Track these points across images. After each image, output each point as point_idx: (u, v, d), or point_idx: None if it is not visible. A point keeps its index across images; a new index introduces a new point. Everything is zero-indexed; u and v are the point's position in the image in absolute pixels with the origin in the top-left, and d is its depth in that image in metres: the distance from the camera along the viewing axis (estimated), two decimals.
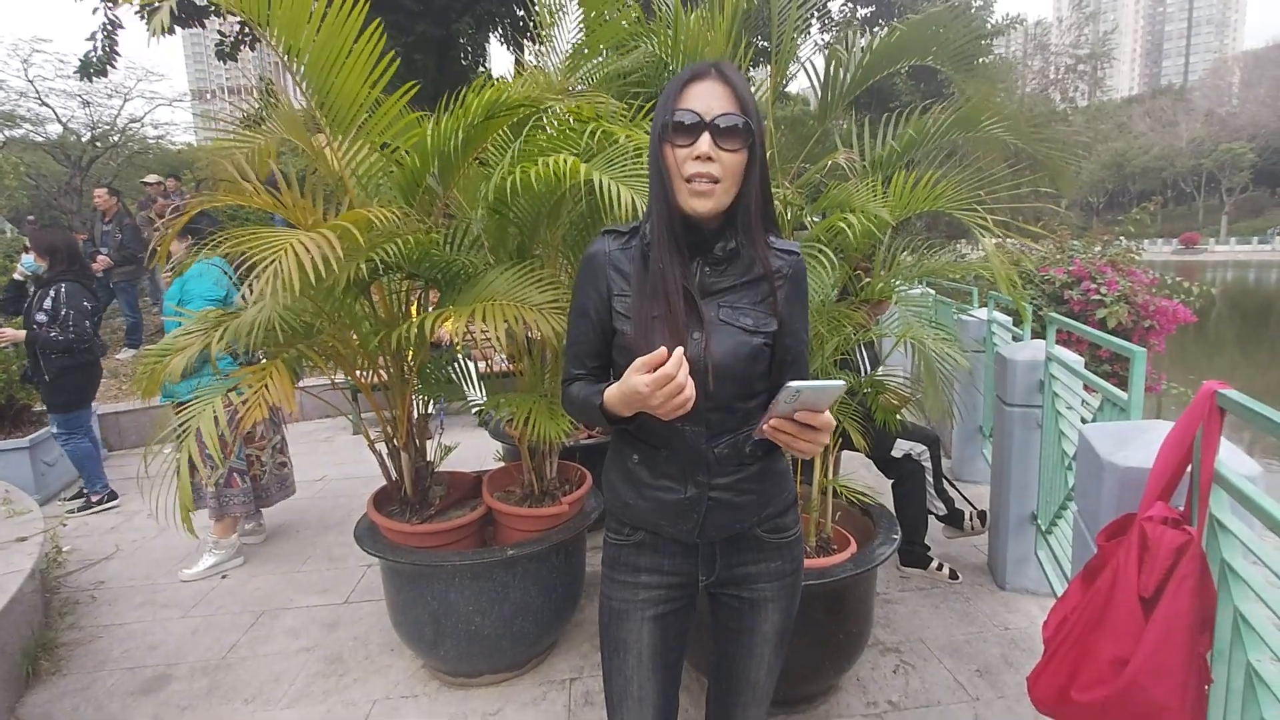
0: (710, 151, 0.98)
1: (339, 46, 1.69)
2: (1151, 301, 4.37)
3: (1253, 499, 1.07)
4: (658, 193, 1.03)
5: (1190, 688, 1.09)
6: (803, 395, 0.86)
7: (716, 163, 0.98)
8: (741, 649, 1.20)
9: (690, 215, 1.02)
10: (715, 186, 0.99)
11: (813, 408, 0.89)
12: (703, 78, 1.01)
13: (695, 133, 0.98)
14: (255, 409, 1.62)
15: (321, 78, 1.77)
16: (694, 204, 1.00)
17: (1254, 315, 19.53)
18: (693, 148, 0.98)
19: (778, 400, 0.88)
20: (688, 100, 0.99)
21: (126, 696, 2.27)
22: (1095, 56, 18.77)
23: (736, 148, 1.00)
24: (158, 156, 16.69)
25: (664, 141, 1.01)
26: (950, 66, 2.42)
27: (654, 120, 1.04)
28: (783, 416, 0.91)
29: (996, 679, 2.22)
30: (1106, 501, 1.41)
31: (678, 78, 1.03)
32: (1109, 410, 2.02)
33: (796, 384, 0.85)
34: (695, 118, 0.98)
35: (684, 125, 0.98)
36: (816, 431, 0.92)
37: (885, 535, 2.14)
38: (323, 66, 1.73)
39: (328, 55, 1.70)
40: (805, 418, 0.90)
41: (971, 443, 4.07)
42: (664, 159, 1.01)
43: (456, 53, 9.32)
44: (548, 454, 2.40)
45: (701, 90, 1.00)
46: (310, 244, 1.38)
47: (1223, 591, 1.12)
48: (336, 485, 4.33)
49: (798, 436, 0.93)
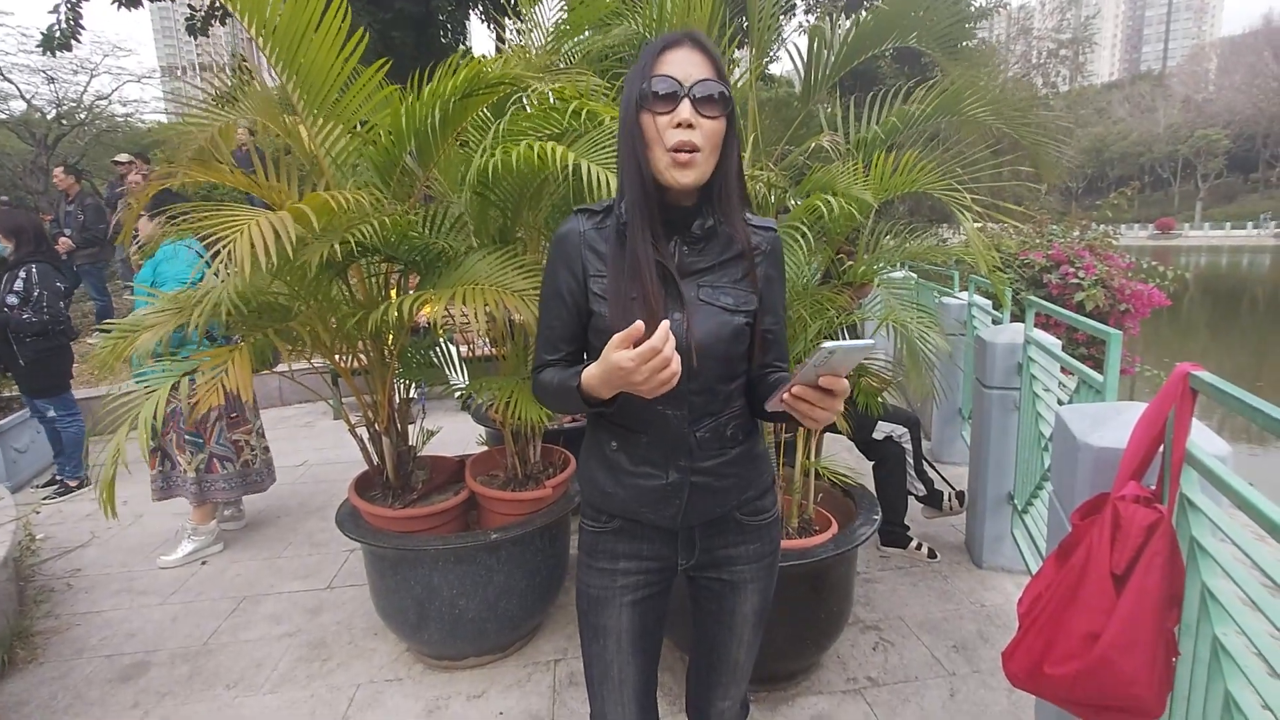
0: (691, 118, 0.95)
1: (306, 20, 1.64)
2: (1127, 285, 4.45)
3: (1222, 478, 1.09)
4: (631, 166, 0.99)
5: (1159, 661, 1.13)
6: (836, 355, 0.81)
7: (697, 130, 0.96)
8: (722, 629, 1.21)
9: (669, 189, 0.99)
10: (696, 156, 0.97)
11: (839, 370, 0.86)
12: (677, 45, 0.98)
13: (675, 100, 0.95)
14: (212, 394, 1.59)
15: (291, 53, 1.72)
16: (675, 175, 0.97)
17: (1226, 299, 19.99)
18: (673, 114, 0.95)
19: (806, 363, 0.84)
20: (664, 67, 0.96)
21: (105, 684, 2.25)
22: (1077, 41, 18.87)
23: (716, 115, 0.97)
24: (127, 135, 16.20)
25: (642, 110, 0.97)
26: (934, 49, 2.42)
27: (626, 90, 1.00)
28: (806, 383, 0.87)
29: (972, 654, 2.27)
30: (1081, 481, 1.43)
31: (650, 46, 0.99)
32: (1085, 392, 2.06)
33: (831, 344, 0.80)
34: (674, 84, 0.95)
35: (662, 92, 0.95)
36: (834, 398, 0.88)
37: (866, 516, 2.17)
38: (291, 41, 1.68)
39: (295, 29, 1.65)
40: (828, 382, 0.87)
41: (951, 425, 4.13)
42: (641, 128, 0.98)
43: (436, 30, 9.11)
44: (531, 438, 2.39)
45: (678, 57, 0.97)
46: (266, 226, 1.35)
47: (1191, 568, 1.15)
48: (318, 470, 4.29)
49: (817, 405, 0.89)
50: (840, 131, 2.33)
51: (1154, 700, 1.12)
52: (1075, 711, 1.24)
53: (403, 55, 7.75)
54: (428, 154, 1.91)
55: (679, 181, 0.97)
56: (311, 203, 1.50)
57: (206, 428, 3.09)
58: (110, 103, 15.55)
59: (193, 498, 3.08)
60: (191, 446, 3.05)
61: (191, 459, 3.05)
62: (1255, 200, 58.07)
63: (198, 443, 3.07)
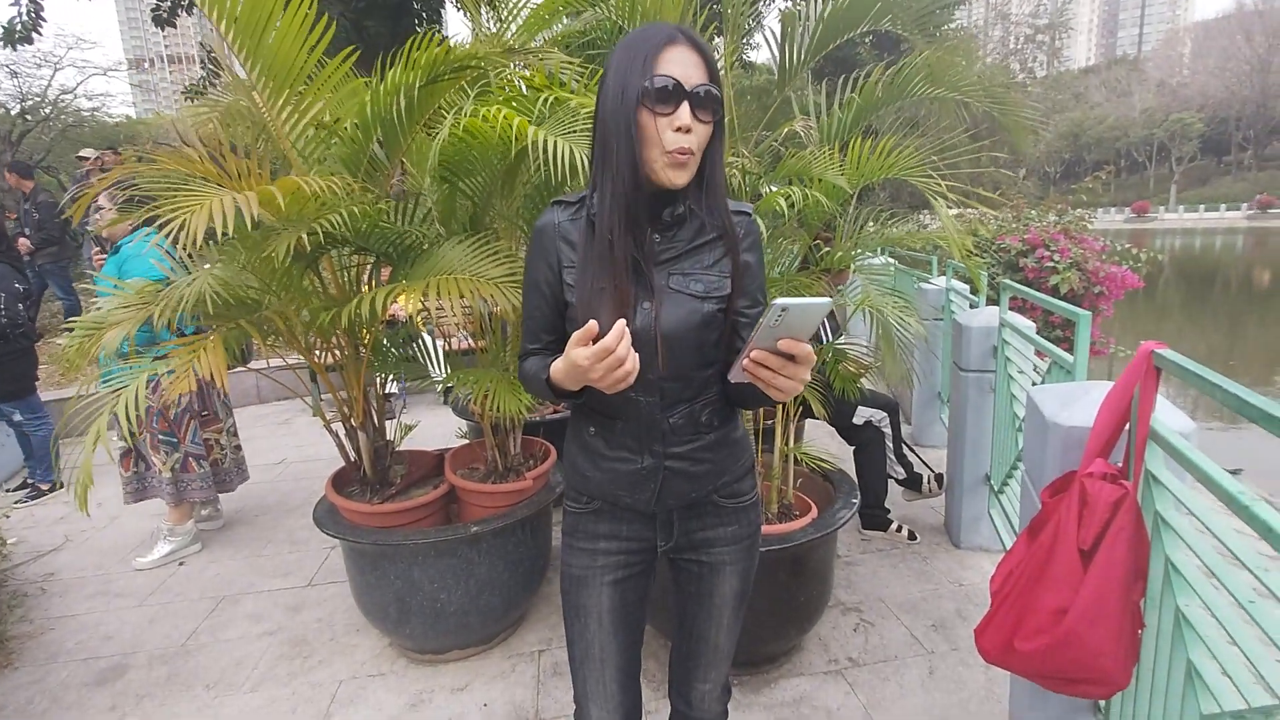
0: (691, 123, 0.95)
1: (269, 9, 1.60)
2: (1101, 268, 4.51)
3: (1185, 454, 1.11)
4: (622, 160, 0.97)
5: (1125, 633, 1.15)
6: (789, 313, 0.79)
7: (693, 134, 0.96)
8: (702, 612, 1.22)
9: (660, 186, 0.99)
10: (690, 158, 0.97)
11: (797, 332, 0.83)
12: (675, 43, 0.96)
13: (676, 101, 0.94)
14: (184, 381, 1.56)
15: (254, 43, 1.68)
16: (671, 175, 0.97)
17: (1200, 281, 20.37)
18: (673, 117, 0.94)
19: (761, 324, 0.81)
20: (665, 65, 0.95)
21: (82, 688, 2.22)
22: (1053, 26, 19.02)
23: (709, 119, 0.98)
24: (94, 129, 15.81)
25: (641, 106, 0.95)
26: (912, 32, 2.41)
27: (617, 81, 0.97)
28: (764, 348, 0.84)
29: (951, 633, 2.31)
30: (1051, 459, 1.45)
31: (646, 39, 0.97)
32: (1056, 373, 2.09)
33: (783, 300, 0.78)
34: (677, 86, 0.94)
35: (667, 91, 0.94)
36: (798, 365, 0.86)
37: (845, 500, 2.19)
38: (254, 30, 1.64)
39: (258, 18, 1.60)
40: (788, 346, 0.84)
41: (930, 408, 4.18)
42: (639, 125, 0.96)
43: (411, 19, 8.96)
44: (511, 430, 2.38)
45: (678, 57, 0.96)
46: (228, 202, 1.32)
47: (1155, 542, 1.17)
48: (297, 468, 4.24)
49: (779, 372, 0.86)
50: (815, 118, 2.32)
51: (1120, 671, 1.14)
52: (1046, 685, 1.27)
53: (378, 45, 7.61)
54: (395, 143, 1.87)
55: (674, 182, 0.98)
56: (282, 186, 1.47)
57: (181, 427, 3.03)
58: (76, 97, 15.17)
59: (169, 498, 3.03)
60: (166, 446, 3.00)
61: (166, 459, 3.00)
62: (1228, 183, 59.16)
63: (172, 442, 3.01)
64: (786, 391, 0.89)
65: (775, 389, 0.89)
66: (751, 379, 0.89)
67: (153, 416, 2.94)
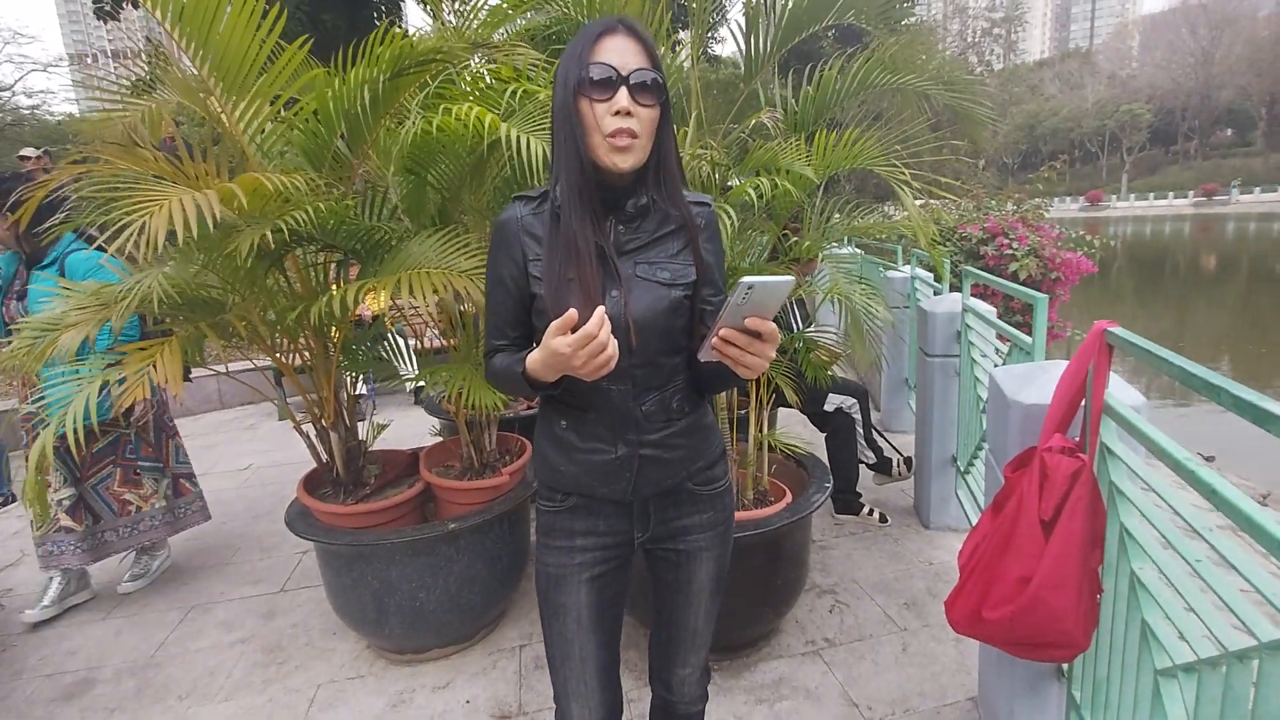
0: (629, 106, 0.97)
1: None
2: (1058, 255, 4.66)
3: (1137, 426, 1.17)
4: (569, 150, 1.00)
5: (1085, 598, 1.21)
6: (755, 291, 0.82)
7: (634, 118, 0.98)
8: (680, 598, 1.24)
9: (607, 171, 1.01)
10: (634, 141, 0.99)
11: (762, 309, 0.86)
12: (613, 32, 0.99)
13: (613, 87, 0.97)
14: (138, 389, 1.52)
15: (202, 35, 1.63)
16: (615, 159, 0.99)
17: (1150, 266, 21.16)
18: (611, 102, 0.97)
19: (728, 304, 0.85)
20: (601, 54, 0.97)
21: (48, 703, 2.14)
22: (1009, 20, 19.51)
23: (651, 103, 0.99)
24: (34, 128, 15.15)
25: (579, 95, 0.98)
26: (874, 25, 2.46)
27: (561, 74, 1.01)
28: (732, 325, 0.88)
29: (923, 610, 2.38)
30: (1012, 436, 1.51)
31: (586, 32, 1.00)
32: (1017, 354, 2.16)
33: (750, 279, 0.81)
34: (612, 72, 0.97)
35: (600, 80, 0.96)
36: (764, 343, 0.90)
37: (819, 484, 2.23)
38: (202, 23, 1.59)
39: (206, 8, 1.56)
40: (754, 324, 0.88)
41: (898, 394, 4.28)
42: (578, 114, 0.99)
43: (370, 12, 8.80)
44: (486, 426, 2.37)
45: (613, 45, 0.98)
46: (189, 202, 1.29)
47: (1111, 510, 1.23)
48: (264, 473, 4.15)
49: (746, 349, 0.89)
50: (781, 110, 2.35)
51: (1081, 634, 1.20)
52: (1013, 651, 1.32)
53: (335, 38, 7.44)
54: (360, 137, 1.85)
55: (618, 166, 0.99)
56: (242, 184, 1.43)
57: (163, 448, 2.77)
58: (14, 94, 14.50)
59: (166, 529, 2.77)
60: (152, 474, 2.72)
61: (158, 486, 2.73)
62: (1176, 171, 61.49)
63: (158, 468, 2.74)
64: (754, 369, 0.92)
65: (743, 366, 0.92)
66: (720, 357, 0.92)
67: (125, 446, 2.65)
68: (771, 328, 0.89)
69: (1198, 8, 64.41)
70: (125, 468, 2.66)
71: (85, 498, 2.59)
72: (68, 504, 2.53)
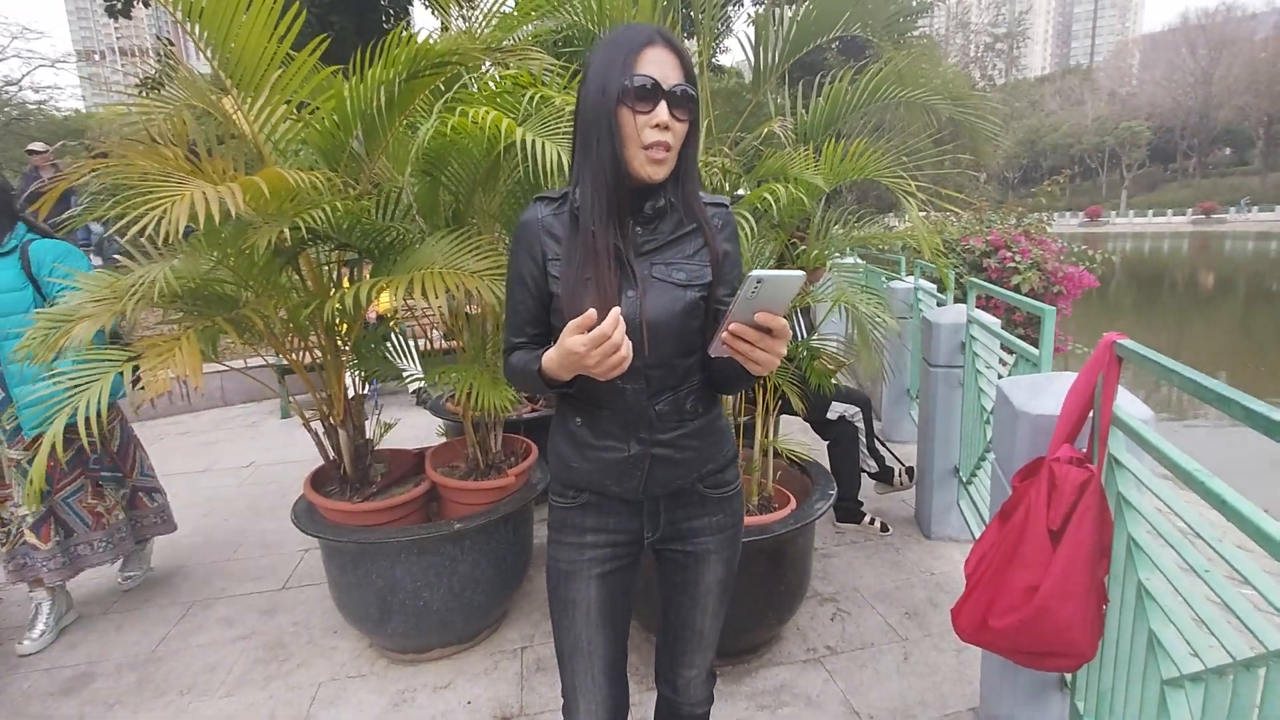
0: (668, 120, 0.99)
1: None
2: (1060, 269, 4.69)
3: (1145, 437, 1.18)
4: (602, 155, 1.01)
5: (1091, 608, 1.22)
6: (764, 285, 0.82)
7: (670, 131, 1.00)
8: (687, 599, 1.25)
9: (636, 179, 1.03)
10: (669, 154, 1.01)
11: (772, 304, 0.86)
12: (653, 44, 1.00)
13: (654, 100, 0.98)
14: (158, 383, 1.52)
15: (221, 34, 1.65)
16: (650, 171, 1.01)
17: (1150, 281, 21.26)
18: (651, 115, 0.99)
19: (737, 298, 0.85)
20: (644, 66, 0.99)
21: (46, 697, 2.14)
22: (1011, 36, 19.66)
23: (686, 117, 1.02)
24: (40, 123, 15.20)
25: (620, 104, 0.99)
26: (879, 38, 2.49)
27: (597, 80, 1.01)
28: (742, 320, 0.88)
29: (923, 620, 2.38)
30: (1020, 447, 1.52)
31: (626, 40, 1.01)
32: (1023, 365, 2.18)
33: (759, 272, 0.82)
34: (656, 85, 0.98)
35: (646, 90, 0.98)
36: (774, 339, 0.90)
37: (822, 492, 2.24)
38: (221, 21, 1.61)
39: (225, 8, 1.58)
40: (764, 319, 0.88)
41: (899, 405, 4.29)
42: (618, 122, 1.00)
43: (377, 15, 8.86)
44: (492, 427, 2.37)
45: (656, 57, 1.00)
46: (211, 194, 1.30)
47: (1118, 521, 1.24)
48: (266, 471, 4.15)
49: (756, 345, 0.90)
50: (790, 118, 2.38)
51: (1088, 644, 1.21)
52: (1018, 660, 1.33)
53: (343, 40, 7.50)
54: (375, 138, 1.86)
55: (653, 177, 1.02)
56: (265, 178, 1.45)
57: (128, 457, 2.61)
58: (21, 89, 14.56)
59: (120, 549, 2.56)
60: (112, 484, 2.53)
61: (117, 498, 2.55)
62: (1174, 189, 61.84)
63: (118, 478, 2.56)
64: (764, 365, 0.93)
65: (753, 362, 0.93)
66: (730, 352, 0.93)
67: (86, 459, 2.45)
68: (782, 324, 0.89)
69: (1197, 28, 64.97)
70: (92, 478, 2.48)
71: (56, 511, 2.40)
72: (32, 520, 2.33)
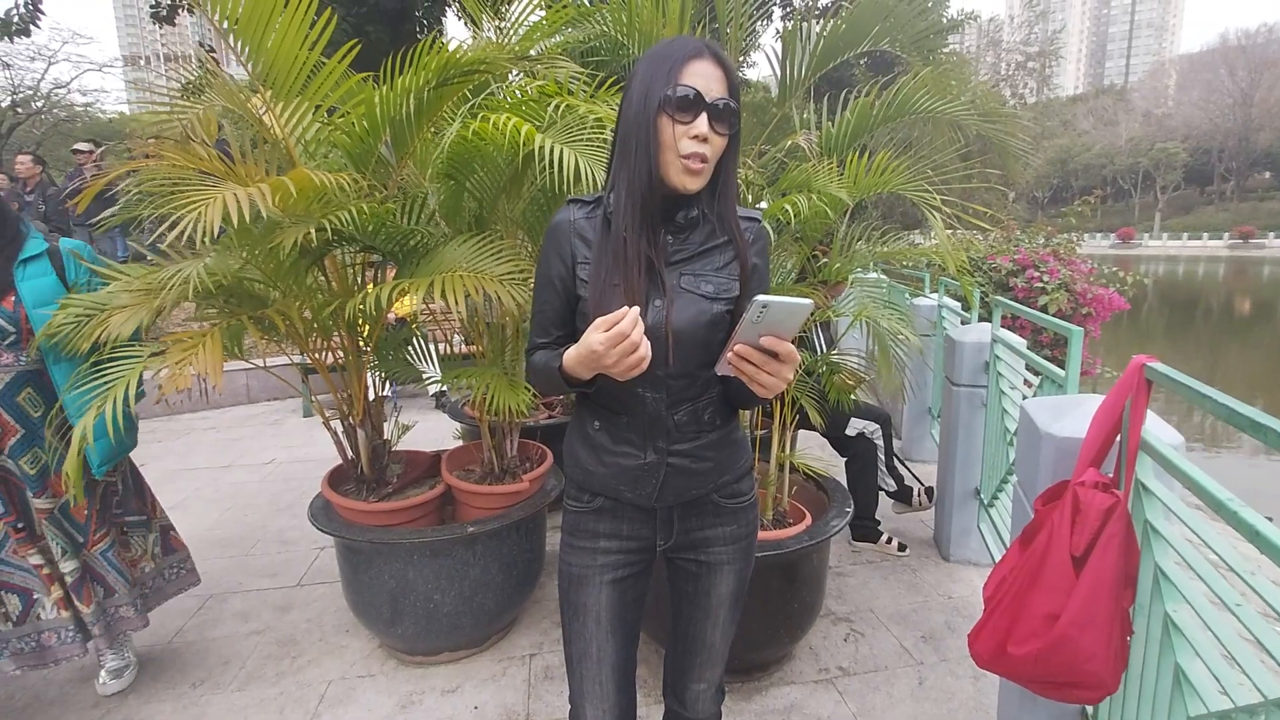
0: (707, 132, 0.99)
1: (271, 3, 1.62)
2: (1089, 289, 4.60)
3: (1175, 464, 1.14)
4: (639, 161, 1.01)
5: (1114, 638, 1.17)
6: (770, 310, 0.82)
7: (709, 144, 1.00)
8: (698, 611, 1.23)
9: (670, 187, 1.03)
10: (705, 166, 1.01)
11: (779, 329, 0.86)
12: (700, 57, 1.01)
13: (696, 111, 0.99)
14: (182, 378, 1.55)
15: (256, 39, 1.69)
16: (685, 181, 1.01)
17: (1183, 306, 20.74)
18: (691, 126, 0.99)
19: (743, 320, 0.85)
20: (688, 77, 0.99)
21: (63, 684, 2.18)
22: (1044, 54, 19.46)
23: (726, 131, 1.02)
24: (86, 125, 15.76)
25: (661, 112, 0.99)
26: (908, 53, 2.48)
27: (641, 87, 1.02)
28: (748, 342, 0.88)
29: (940, 644, 2.33)
30: (1044, 469, 1.48)
31: (674, 51, 1.01)
32: (1048, 386, 2.13)
33: (764, 297, 0.82)
34: (698, 96, 0.98)
35: (687, 101, 0.98)
36: (780, 363, 0.90)
37: (838, 509, 2.21)
38: (256, 27, 1.66)
39: (260, 14, 1.63)
40: (771, 343, 0.87)
41: (920, 423, 4.22)
42: (657, 130, 1.00)
43: (412, 26, 9.04)
44: (508, 432, 2.38)
45: (701, 69, 1.00)
46: (242, 195, 1.33)
47: (1145, 549, 1.20)
48: (286, 468, 4.21)
49: (761, 368, 0.90)
50: (815, 131, 2.37)
51: (1110, 676, 1.17)
52: (1037, 689, 1.29)
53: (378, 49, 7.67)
54: (403, 143, 1.90)
55: (687, 187, 1.02)
56: (293, 178, 1.48)
57: (145, 495, 2.22)
58: (69, 91, 15.13)
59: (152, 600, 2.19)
60: (139, 530, 2.17)
61: (145, 545, 2.19)
62: (1211, 212, 60.38)
63: (144, 521, 2.19)
64: (770, 388, 0.93)
65: (759, 385, 0.93)
66: (736, 373, 0.93)
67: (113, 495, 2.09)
68: (789, 349, 0.89)
69: (1237, 50, 63.64)
70: (117, 526, 2.11)
71: (93, 567, 2.01)
72: (72, 579, 1.95)
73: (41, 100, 14.81)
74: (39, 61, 14.17)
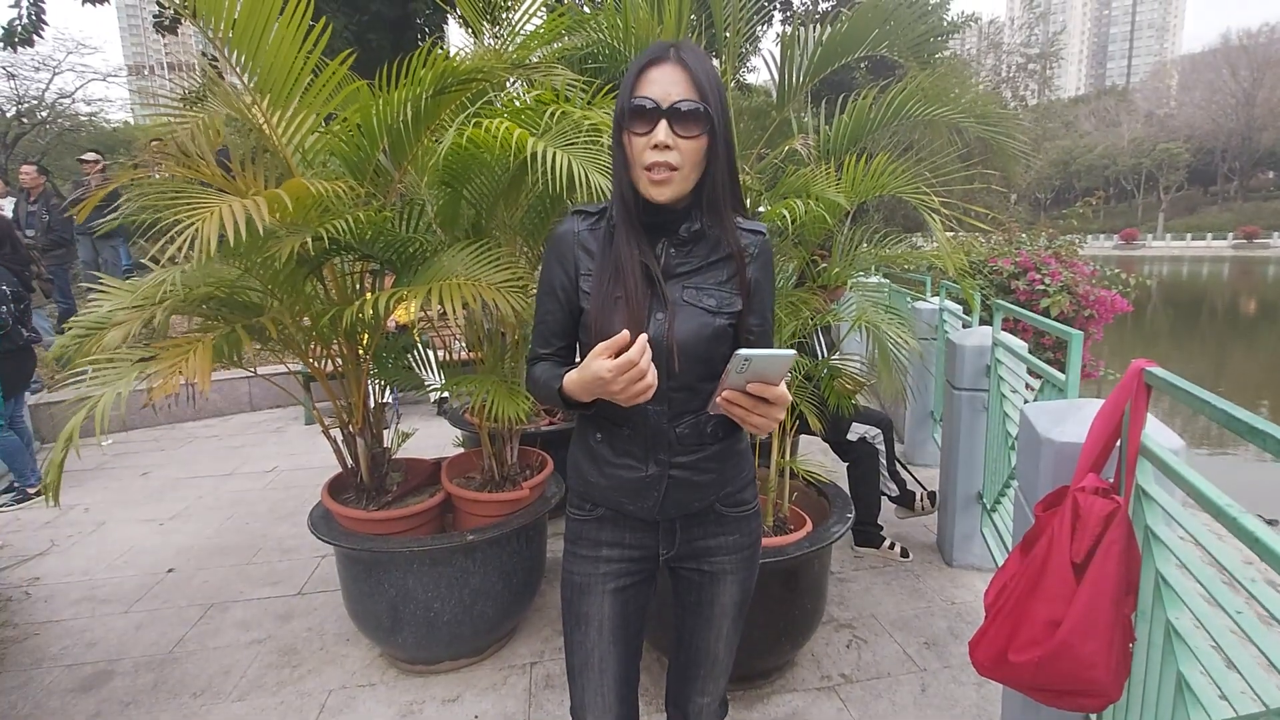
0: (668, 139, 0.97)
1: (266, 12, 1.63)
2: (1091, 292, 4.58)
3: (1175, 469, 1.13)
4: (620, 177, 1.04)
5: (1116, 646, 1.16)
6: (753, 364, 0.85)
7: (674, 150, 0.98)
8: (701, 621, 1.22)
9: (651, 201, 1.03)
10: (673, 174, 0.99)
11: (764, 378, 0.88)
12: (660, 61, 0.99)
13: (652, 120, 0.97)
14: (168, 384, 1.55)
15: (252, 47, 1.70)
16: (653, 192, 1.00)
17: (1187, 307, 20.64)
18: (650, 136, 0.97)
19: (728, 370, 0.87)
20: (644, 86, 0.98)
21: (66, 694, 2.18)
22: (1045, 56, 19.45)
23: (695, 134, 0.99)
24: (91, 135, 15.85)
25: (623, 129, 1.00)
26: (907, 58, 2.48)
27: (617, 102, 1.03)
28: (734, 388, 0.90)
29: (943, 650, 2.31)
30: (1044, 475, 1.47)
31: (635, 62, 1.01)
32: (1049, 391, 2.12)
33: (746, 351, 0.84)
34: (652, 104, 0.97)
35: (641, 111, 0.98)
36: (770, 406, 0.91)
37: (840, 515, 2.20)
38: (252, 35, 1.66)
39: (254, 22, 1.63)
40: (757, 389, 0.89)
41: (922, 427, 4.21)
42: (623, 147, 1.01)
43: (413, 34, 9.08)
44: (508, 439, 2.38)
45: (659, 75, 0.98)
46: (238, 208, 1.33)
47: (1146, 556, 1.19)
48: (288, 476, 4.21)
49: (751, 410, 0.92)
50: (812, 136, 2.37)
51: (1112, 684, 1.16)
52: (1038, 697, 1.27)
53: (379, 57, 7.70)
54: (401, 151, 1.90)
55: (655, 198, 1.01)
56: (289, 189, 1.48)
57: None
58: (74, 101, 15.22)
59: None
60: None
61: None
62: (1214, 213, 60.18)
63: None
64: (760, 428, 0.95)
65: (750, 424, 0.95)
66: (726, 413, 0.95)
67: None
68: (777, 393, 0.91)
69: (1239, 50, 63.48)
70: None
71: None
72: None
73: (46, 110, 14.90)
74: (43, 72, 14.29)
